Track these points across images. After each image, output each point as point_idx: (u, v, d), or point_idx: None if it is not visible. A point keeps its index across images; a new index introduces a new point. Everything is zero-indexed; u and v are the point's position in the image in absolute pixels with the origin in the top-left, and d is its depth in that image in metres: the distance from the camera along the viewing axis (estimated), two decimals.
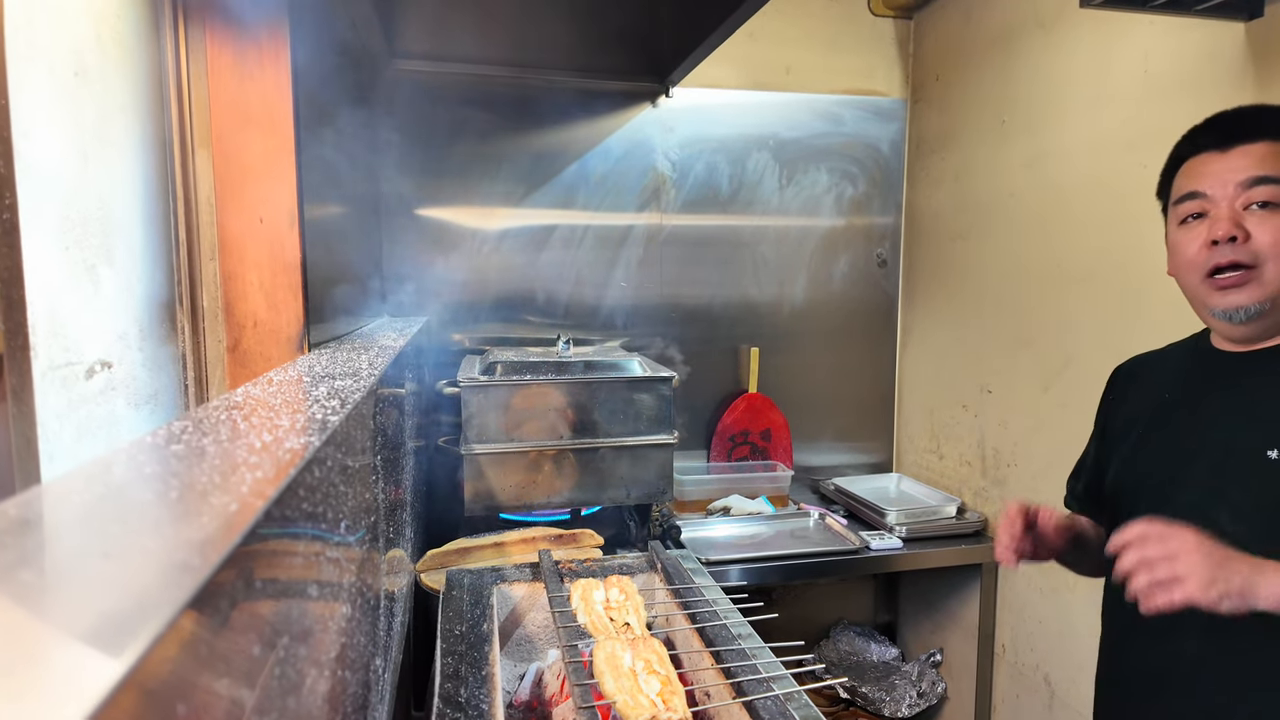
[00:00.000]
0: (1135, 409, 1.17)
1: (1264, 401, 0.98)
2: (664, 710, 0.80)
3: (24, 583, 0.27)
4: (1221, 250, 0.95)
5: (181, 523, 0.34)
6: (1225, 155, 0.97)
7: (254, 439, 0.50)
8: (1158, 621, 0.97)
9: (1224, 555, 0.92)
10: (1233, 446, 0.98)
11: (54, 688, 0.21)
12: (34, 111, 0.70)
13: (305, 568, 0.48)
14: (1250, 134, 0.96)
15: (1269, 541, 0.90)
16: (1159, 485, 1.07)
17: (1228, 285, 0.96)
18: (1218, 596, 0.90)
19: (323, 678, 0.50)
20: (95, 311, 0.81)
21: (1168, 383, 1.13)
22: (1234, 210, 0.95)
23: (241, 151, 1.06)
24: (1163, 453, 1.09)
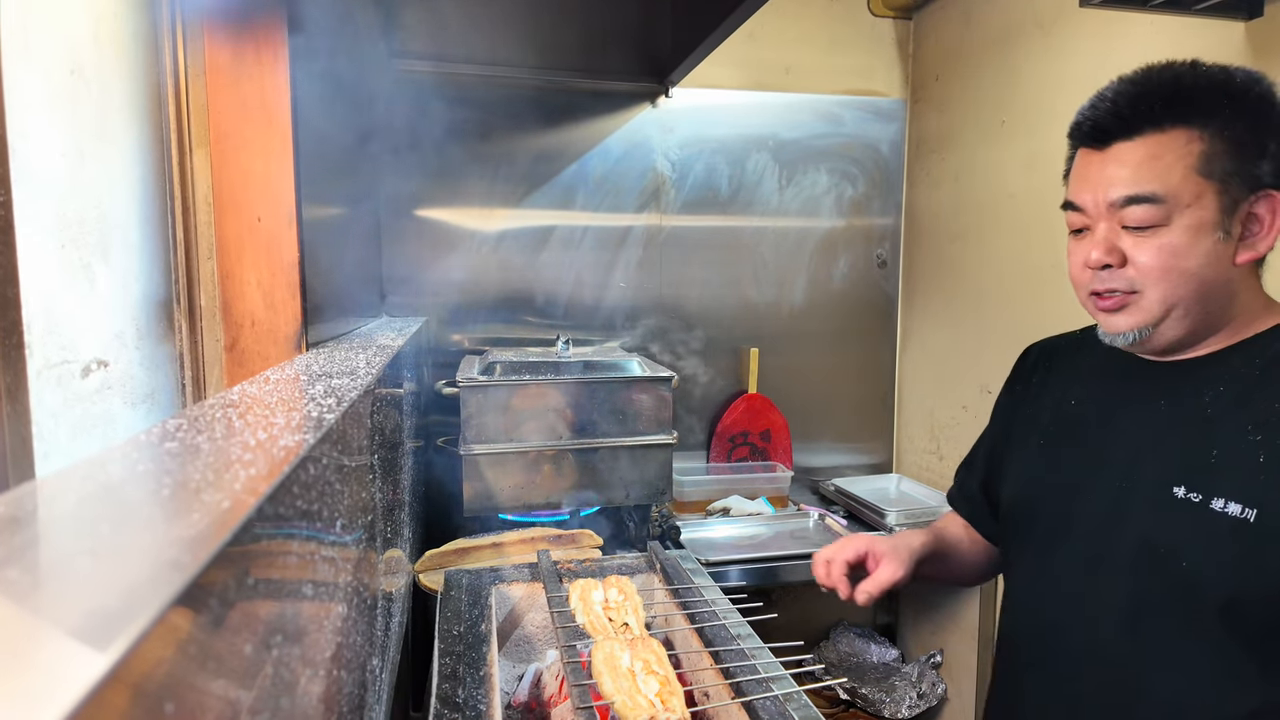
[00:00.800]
0: (1038, 406, 1.08)
1: (1174, 428, 0.88)
2: (662, 710, 0.80)
3: (11, 580, 0.26)
4: (1099, 275, 0.88)
5: (173, 520, 0.34)
6: (1103, 157, 0.87)
7: (249, 436, 0.50)
8: (1046, 654, 0.97)
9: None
10: (1137, 475, 0.90)
11: (38, 684, 0.21)
12: (31, 110, 0.69)
13: (300, 566, 0.48)
14: (1131, 126, 0.84)
15: (1172, 591, 0.84)
16: (1053, 508, 0.99)
17: (1108, 308, 0.89)
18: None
19: (318, 678, 0.50)
20: (91, 310, 0.81)
21: (1076, 381, 1.04)
22: (1110, 231, 0.86)
23: (239, 150, 1.06)
24: (1064, 469, 1.00)
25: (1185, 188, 0.81)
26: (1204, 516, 0.81)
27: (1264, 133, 0.81)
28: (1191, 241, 0.82)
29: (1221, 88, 0.82)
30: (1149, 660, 0.87)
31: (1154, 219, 0.82)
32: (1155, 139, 0.83)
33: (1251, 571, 0.78)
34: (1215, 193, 0.81)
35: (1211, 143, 0.81)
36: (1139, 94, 0.85)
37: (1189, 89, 0.83)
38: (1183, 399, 0.89)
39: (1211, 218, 0.81)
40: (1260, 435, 0.80)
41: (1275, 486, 0.77)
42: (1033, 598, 1.02)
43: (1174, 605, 0.84)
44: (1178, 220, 0.82)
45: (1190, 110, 0.82)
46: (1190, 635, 0.83)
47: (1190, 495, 0.83)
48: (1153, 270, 0.84)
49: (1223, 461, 0.82)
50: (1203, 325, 0.87)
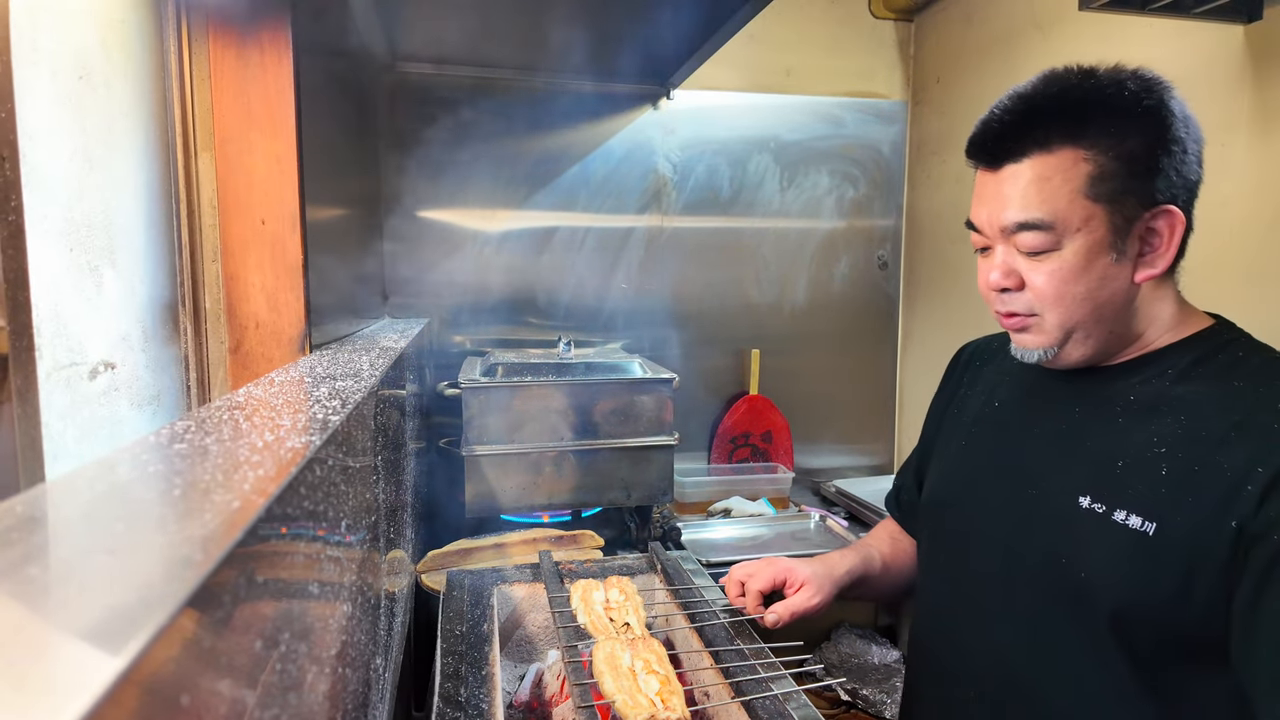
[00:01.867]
0: (964, 407, 1.08)
1: (1086, 437, 0.88)
2: (663, 709, 0.81)
3: (33, 576, 0.27)
4: (1000, 296, 0.88)
5: (184, 519, 0.34)
6: (996, 178, 0.84)
7: (256, 438, 0.51)
8: (946, 680, 0.99)
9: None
10: (1044, 484, 0.90)
11: (59, 681, 0.22)
12: (39, 116, 0.70)
13: (306, 566, 0.48)
14: (1019, 147, 0.82)
15: (1069, 599, 0.84)
16: (964, 510, 1.00)
17: (1013, 327, 0.89)
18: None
19: (323, 675, 0.51)
20: (99, 313, 0.82)
21: (1001, 382, 1.04)
22: (1007, 253, 0.85)
23: (244, 154, 1.07)
24: (974, 472, 1.00)
25: (1073, 212, 0.79)
26: (1106, 527, 0.81)
27: (1156, 147, 0.79)
28: (1084, 265, 0.80)
29: (1110, 102, 0.80)
30: (1047, 671, 0.86)
31: (1044, 245, 0.81)
32: (1042, 160, 0.80)
33: (1146, 584, 0.78)
34: (1105, 214, 0.79)
35: (1100, 163, 0.79)
36: (1026, 112, 0.82)
37: (1076, 106, 0.80)
38: (1095, 408, 0.88)
39: (1103, 240, 0.80)
40: (1164, 448, 0.79)
41: (1175, 502, 0.77)
42: (941, 600, 1.03)
43: (1072, 616, 0.84)
44: (1068, 244, 0.80)
45: (1077, 129, 0.79)
46: (1086, 647, 0.83)
47: (1095, 506, 0.83)
48: (1047, 295, 0.83)
49: (1128, 473, 0.81)
50: (1109, 343, 0.86)
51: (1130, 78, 0.81)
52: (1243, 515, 0.72)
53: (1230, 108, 1.41)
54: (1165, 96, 0.80)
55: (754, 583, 1.11)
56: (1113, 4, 1.31)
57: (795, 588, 1.10)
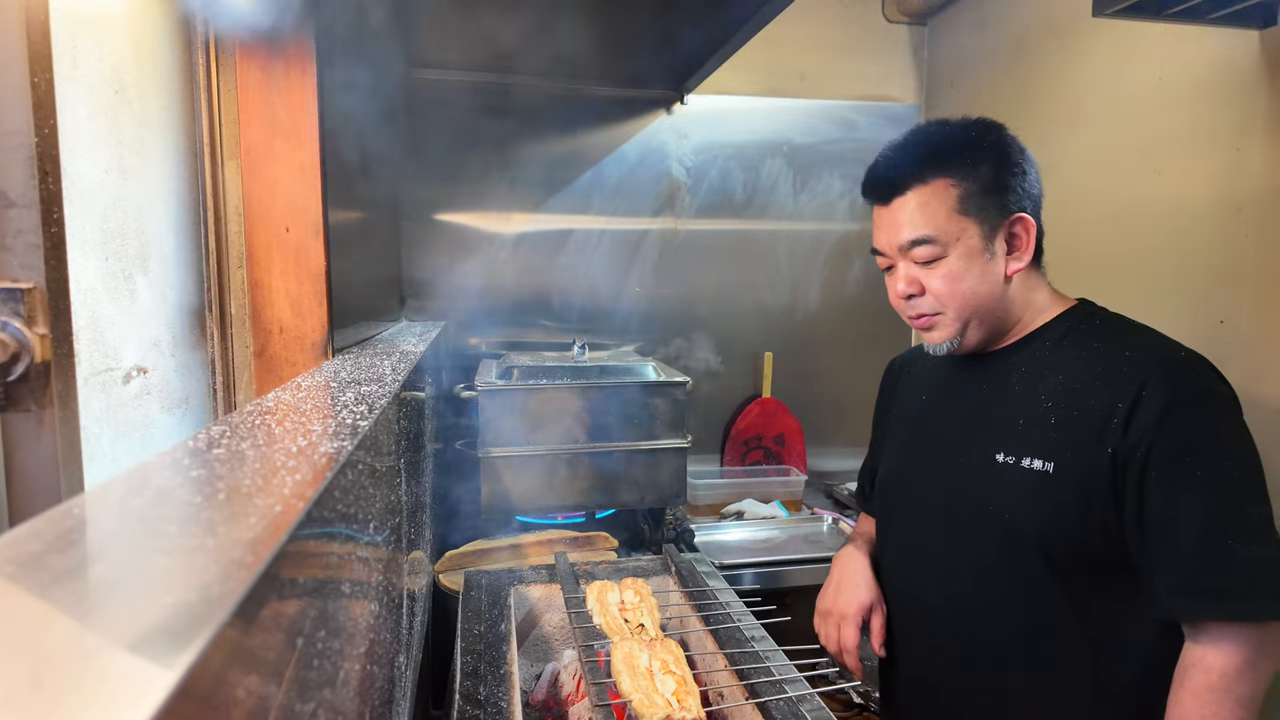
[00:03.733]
0: (901, 407, 1.27)
1: (993, 406, 1.07)
2: (678, 709, 0.82)
3: (100, 576, 0.29)
4: (909, 303, 1.06)
5: (231, 522, 0.36)
6: (889, 210, 1.04)
7: (289, 443, 0.53)
8: (913, 630, 1.14)
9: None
10: (968, 449, 1.07)
11: (133, 673, 0.24)
12: (78, 129, 0.73)
13: (340, 566, 0.50)
14: (902, 183, 1.02)
15: (1002, 540, 1.01)
16: (909, 489, 1.18)
17: (923, 328, 1.08)
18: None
19: (355, 672, 0.53)
20: (132, 319, 0.84)
21: (926, 381, 1.23)
22: (908, 267, 1.04)
23: (268, 163, 1.09)
24: (913, 453, 1.19)
25: (951, 225, 1.00)
26: (1018, 474, 1.00)
27: (1002, 171, 1.01)
28: (967, 266, 1.01)
29: (964, 142, 1.02)
30: (995, 606, 1.03)
31: (934, 254, 1.02)
32: (921, 190, 1.01)
33: (1054, 514, 0.96)
34: (976, 224, 1.00)
35: (965, 186, 1.00)
36: (902, 158, 1.04)
37: (939, 146, 1.03)
38: (995, 381, 1.08)
39: (977, 244, 1.01)
40: (1050, 403, 0.99)
41: (1063, 443, 0.97)
42: (893, 565, 1.20)
43: (1008, 553, 1.01)
44: (953, 251, 1.01)
45: (943, 164, 1.01)
46: (1022, 578, 1.00)
47: (1007, 459, 1.01)
48: (943, 293, 1.03)
49: (1027, 428, 1.01)
50: (998, 327, 1.06)
51: (974, 123, 1.05)
52: (1114, 443, 0.92)
53: (1246, 112, 1.41)
54: (1002, 134, 1.04)
55: (848, 629, 1.20)
56: (1128, 10, 1.31)
57: (875, 610, 1.20)
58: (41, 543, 0.33)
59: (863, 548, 1.28)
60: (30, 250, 0.63)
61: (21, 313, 0.62)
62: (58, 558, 0.32)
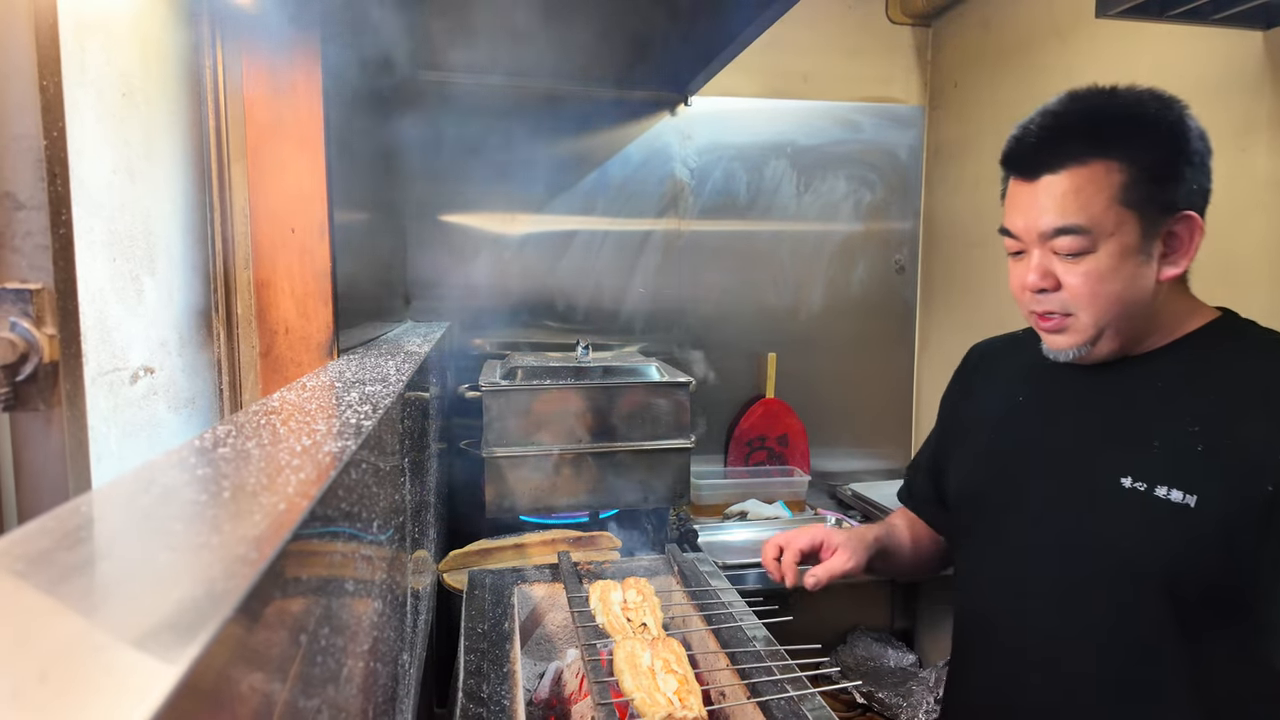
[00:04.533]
0: (984, 405, 1.13)
1: (1118, 423, 0.94)
2: (680, 708, 0.83)
3: (107, 573, 0.30)
4: (1036, 297, 0.93)
5: (236, 520, 0.37)
6: (1032, 188, 0.91)
7: (294, 443, 0.54)
8: (1001, 655, 1.03)
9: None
10: (1086, 469, 0.95)
11: (141, 666, 0.24)
12: (86, 132, 0.74)
13: (344, 564, 0.51)
14: (1055, 160, 0.88)
15: (1120, 574, 0.89)
16: (1005, 501, 1.04)
17: (1048, 329, 0.95)
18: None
19: (359, 669, 0.53)
20: (139, 320, 0.85)
21: (1020, 379, 1.08)
22: (1043, 256, 0.91)
23: (275, 165, 1.10)
24: (1010, 464, 1.04)
25: (1108, 217, 0.86)
26: (1150, 503, 0.87)
27: (1177, 159, 0.87)
28: (1117, 265, 0.88)
29: (1136, 119, 0.88)
30: (1093, 642, 0.92)
31: (1081, 247, 0.88)
32: (1077, 172, 0.87)
33: (1191, 554, 0.85)
34: (1135, 219, 0.86)
35: (1129, 173, 0.86)
36: (1060, 129, 0.90)
37: (1105, 122, 0.88)
38: (1125, 395, 0.95)
39: (1134, 242, 0.87)
40: (1197, 427, 0.87)
41: (1211, 474, 0.84)
42: (980, 589, 1.08)
43: (1121, 589, 0.90)
44: (1103, 247, 0.87)
45: (1107, 143, 0.86)
46: (1132, 616, 0.89)
47: (1136, 485, 0.89)
48: (1082, 294, 0.89)
49: (1165, 452, 0.88)
50: (1133, 338, 0.93)
51: (1149, 97, 0.89)
52: (1276, 480, 0.80)
53: (1250, 112, 1.40)
54: (1182, 113, 0.89)
55: (792, 545, 1.16)
56: (1130, 11, 1.31)
57: (830, 551, 1.16)
58: (50, 540, 0.33)
59: (873, 527, 1.22)
60: (39, 251, 0.64)
61: (30, 313, 0.63)
62: (66, 554, 0.32)
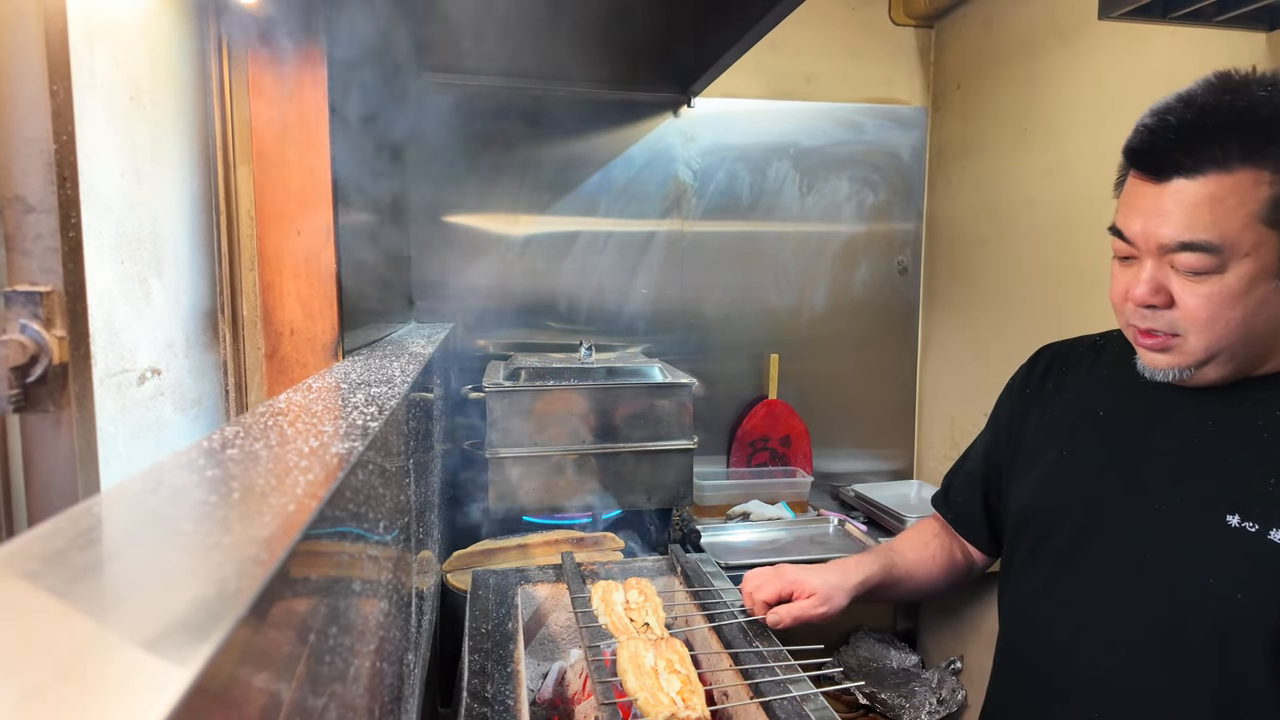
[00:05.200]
0: (1056, 415, 1.01)
1: (1225, 453, 0.83)
2: (683, 708, 0.83)
3: (120, 573, 0.30)
4: (1141, 313, 0.83)
5: (247, 521, 0.37)
6: (1159, 190, 0.78)
7: (301, 444, 0.54)
8: (1055, 702, 0.92)
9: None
10: (1181, 501, 0.84)
11: (153, 666, 0.25)
12: (95, 136, 0.74)
13: (351, 564, 0.51)
14: (1193, 163, 0.76)
15: (1217, 622, 0.79)
16: (1078, 528, 0.93)
17: (1148, 346, 0.84)
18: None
19: (366, 668, 0.54)
20: (146, 321, 0.86)
21: (1100, 391, 0.97)
22: (1158, 270, 0.80)
23: (280, 167, 1.11)
24: (1087, 487, 0.93)
25: (1245, 236, 0.74)
26: (1261, 547, 0.76)
27: None
28: (1245, 290, 0.76)
29: None
30: (1174, 695, 0.82)
31: (1207, 266, 0.76)
32: (1218, 180, 0.74)
33: None
34: (1277, 240, 0.74)
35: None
36: (1208, 127, 0.75)
37: (1266, 125, 0.74)
38: (1231, 422, 0.83)
39: (1270, 265, 0.75)
40: None
41: None
42: (1042, 617, 0.98)
43: (1214, 640, 0.79)
44: (1233, 268, 0.76)
45: (1265, 150, 0.73)
46: (1226, 672, 0.79)
47: (1245, 525, 0.78)
48: (1200, 317, 0.78)
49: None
50: (1246, 366, 0.82)
51: None
52: None
53: None
54: None
55: (760, 594, 1.12)
56: (1133, 13, 1.31)
57: (803, 596, 1.11)
58: (64, 540, 0.34)
59: (864, 562, 1.14)
60: (49, 254, 0.64)
61: (40, 315, 0.63)
62: (79, 554, 0.33)
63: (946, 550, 1.22)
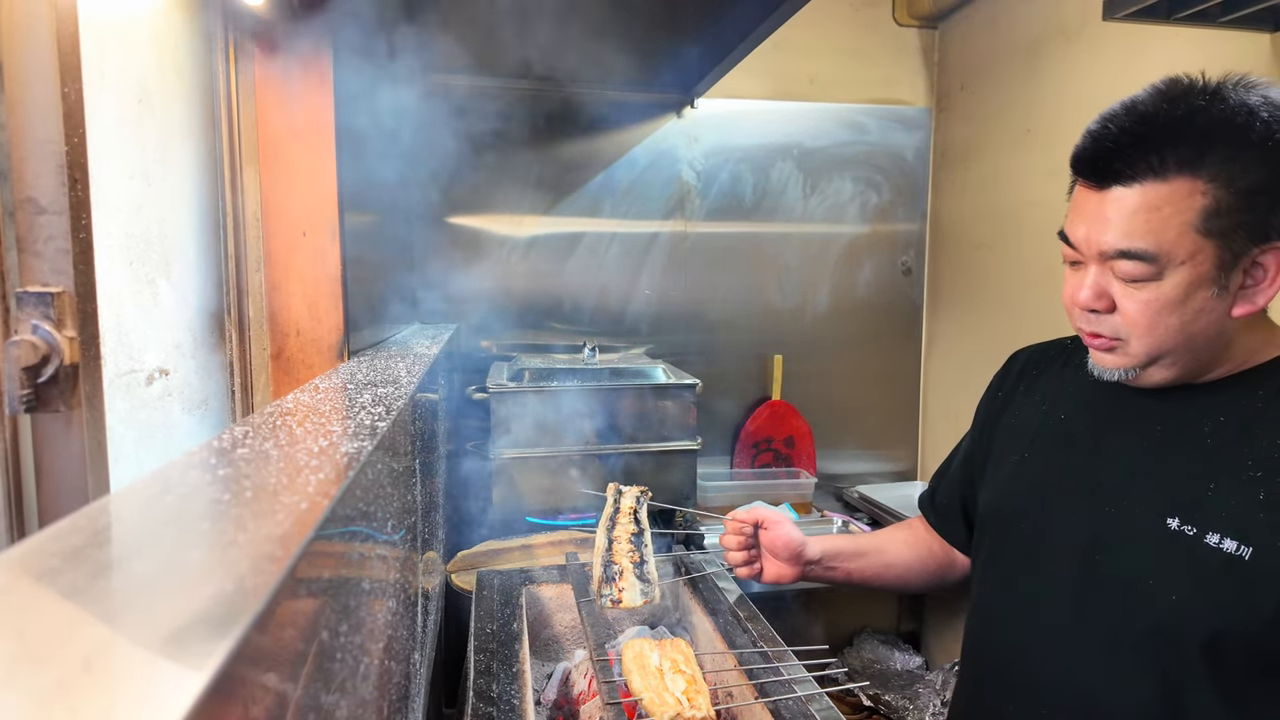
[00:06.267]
0: (1022, 417, 1.04)
1: (1171, 457, 0.84)
2: (688, 707, 0.83)
3: (143, 572, 0.31)
4: (1087, 316, 0.84)
5: (261, 519, 0.38)
6: (1100, 198, 0.80)
7: (311, 444, 0.55)
8: (1014, 696, 0.95)
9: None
10: (1127, 504, 0.86)
11: (178, 658, 0.25)
12: (105, 138, 0.75)
13: (360, 563, 0.52)
14: (1129, 170, 0.77)
15: (1156, 625, 0.81)
16: (1035, 528, 0.95)
17: (1096, 347, 0.86)
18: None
19: (375, 666, 0.54)
20: (154, 322, 0.86)
21: (1065, 394, 0.99)
22: (1101, 275, 0.82)
23: (286, 168, 1.11)
24: (1044, 489, 0.96)
25: (1180, 245, 0.75)
26: (1199, 550, 0.78)
27: (1278, 185, 0.74)
28: (1182, 298, 0.77)
29: (1240, 133, 0.73)
30: (1118, 692, 0.84)
31: (1144, 274, 0.78)
32: (1155, 188, 0.75)
33: (1240, 611, 0.76)
34: (1214, 249, 0.75)
35: (1217, 197, 0.74)
36: (1145, 135, 0.76)
37: (1201, 135, 0.74)
38: (1180, 427, 0.85)
39: (1208, 273, 0.76)
40: (1261, 472, 0.77)
41: (1273, 526, 0.74)
42: (1002, 615, 1.00)
43: (1153, 639, 0.81)
44: (1170, 276, 0.77)
45: (1199, 160, 0.74)
46: (1165, 670, 0.81)
47: (1184, 528, 0.80)
48: (1139, 323, 0.80)
49: (1220, 495, 0.79)
50: (1194, 368, 0.83)
51: (1263, 105, 0.74)
52: None
53: None
54: None
55: (740, 513, 1.21)
56: (1138, 13, 1.32)
57: (766, 528, 1.19)
58: (82, 537, 0.34)
59: (830, 538, 1.21)
60: (60, 255, 0.65)
61: (52, 316, 0.64)
62: (97, 551, 0.33)
63: (929, 548, 1.22)
